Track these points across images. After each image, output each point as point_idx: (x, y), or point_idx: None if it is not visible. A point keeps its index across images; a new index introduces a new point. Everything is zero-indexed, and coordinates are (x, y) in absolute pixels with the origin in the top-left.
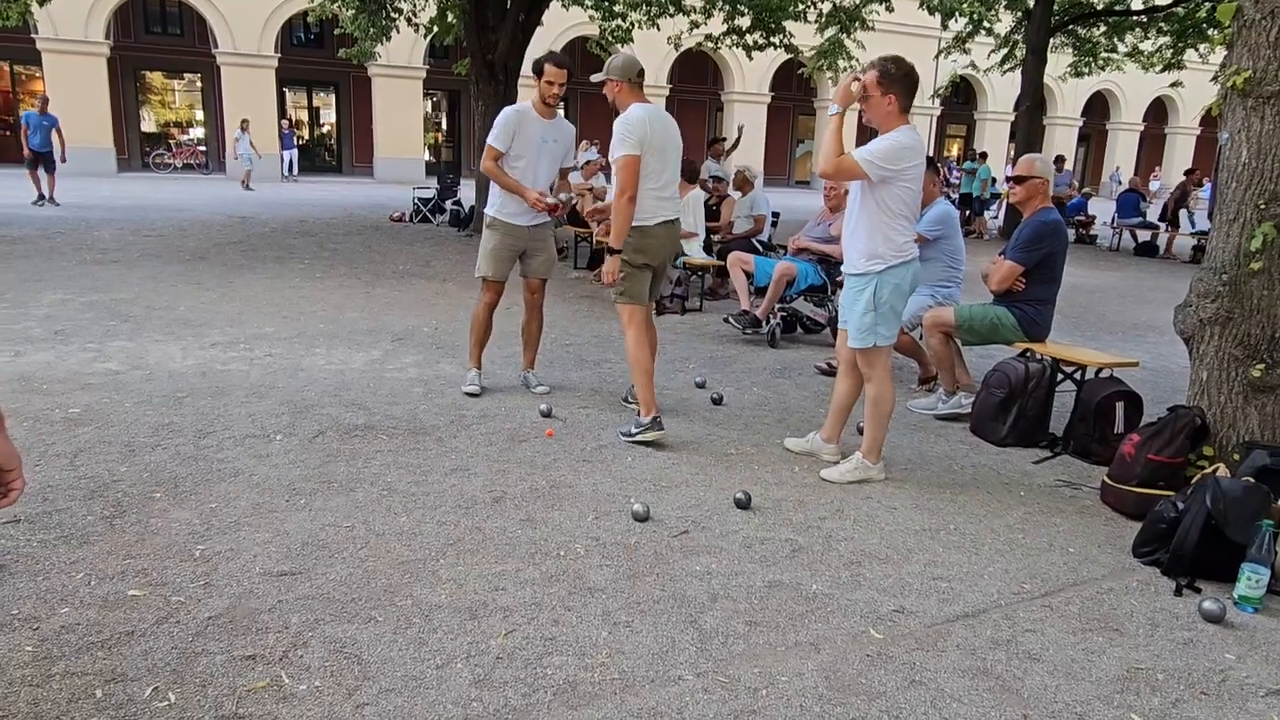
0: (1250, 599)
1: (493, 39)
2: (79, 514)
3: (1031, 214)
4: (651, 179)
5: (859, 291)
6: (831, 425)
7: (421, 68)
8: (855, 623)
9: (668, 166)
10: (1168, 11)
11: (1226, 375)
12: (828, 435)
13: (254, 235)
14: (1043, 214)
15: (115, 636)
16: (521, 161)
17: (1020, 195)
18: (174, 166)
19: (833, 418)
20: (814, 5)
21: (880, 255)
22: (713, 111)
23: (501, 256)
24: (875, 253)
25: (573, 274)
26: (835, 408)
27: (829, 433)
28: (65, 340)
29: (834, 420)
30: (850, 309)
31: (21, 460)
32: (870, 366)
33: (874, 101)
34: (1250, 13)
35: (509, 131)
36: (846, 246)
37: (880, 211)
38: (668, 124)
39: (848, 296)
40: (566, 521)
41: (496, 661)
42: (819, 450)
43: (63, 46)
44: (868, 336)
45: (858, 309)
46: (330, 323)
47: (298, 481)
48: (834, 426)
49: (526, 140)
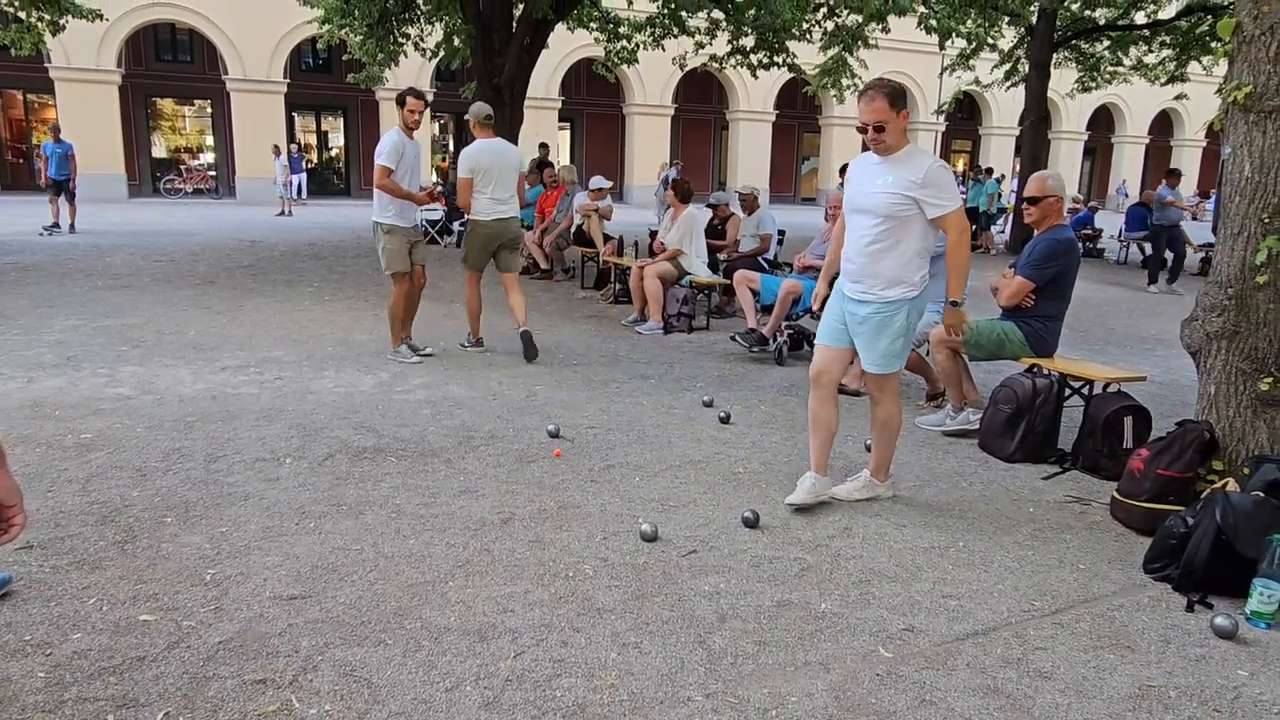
0: (1263, 614)
1: (499, 62)
2: (91, 539)
3: (1045, 230)
4: (487, 191)
5: (888, 318)
6: (825, 455)
7: (428, 91)
8: (865, 642)
9: (499, 182)
10: (1170, 25)
11: (1235, 389)
12: (821, 466)
13: (263, 259)
14: (1056, 231)
15: (127, 662)
16: (402, 174)
17: (1035, 215)
18: (184, 192)
19: (825, 448)
20: (818, 25)
21: (914, 283)
22: (718, 130)
23: (403, 253)
24: (909, 280)
25: (580, 294)
26: (827, 437)
27: (822, 463)
28: (77, 366)
29: (826, 450)
30: (874, 337)
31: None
32: (884, 390)
33: (895, 124)
34: (1250, 28)
35: (397, 152)
36: (861, 275)
37: (921, 239)
38: (499, 151)
39: (867, 326)
40: (575, 542)
41: (506, 684)
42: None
43: (75, 75)
44: (894, 362)
45: (887, 336)
46: (339, 345)
47: (307, 505)
48: (825, 455)
49: (404, 158)
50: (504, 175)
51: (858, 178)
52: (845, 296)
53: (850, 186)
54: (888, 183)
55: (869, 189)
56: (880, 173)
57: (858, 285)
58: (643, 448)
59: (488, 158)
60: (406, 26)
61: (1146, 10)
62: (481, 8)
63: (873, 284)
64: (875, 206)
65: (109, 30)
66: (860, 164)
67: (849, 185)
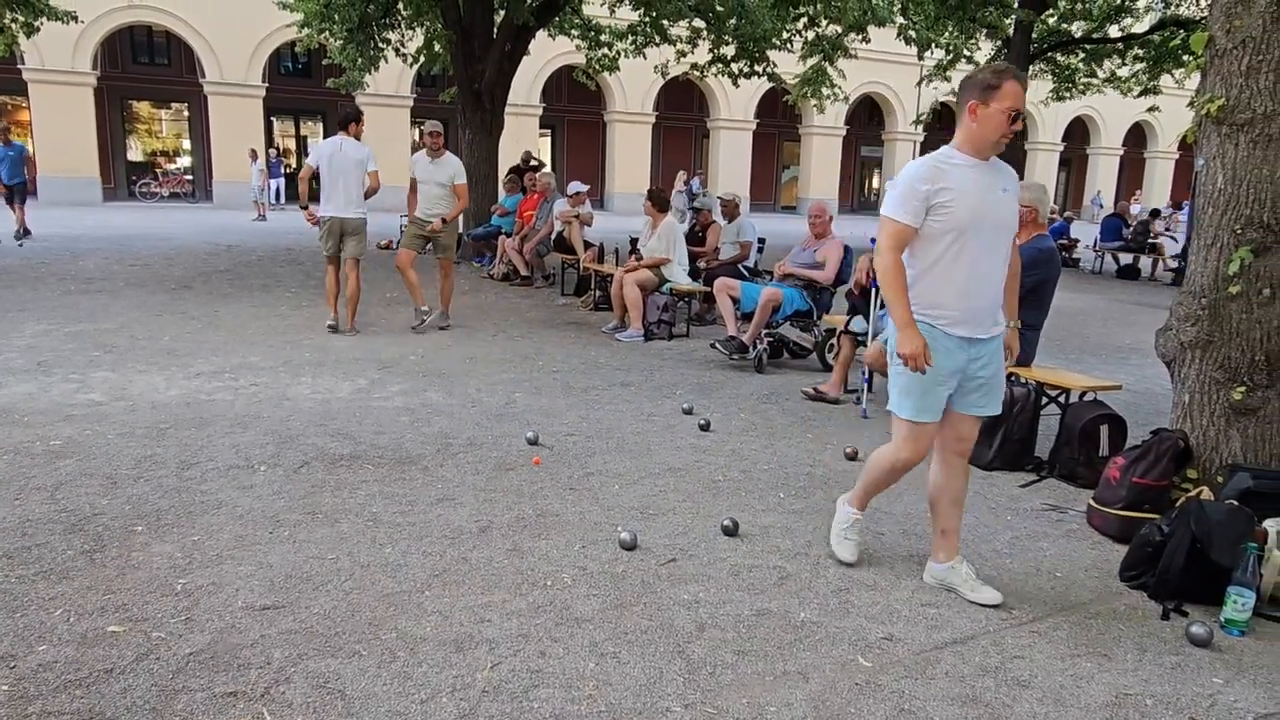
0: (1236, 622)
1: (479, 68)
2: (59, 548)
3: (1026, 240)
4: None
5: (999, 350)
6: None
7: (409, 96)
8: (844, 651)
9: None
10: (1143, 39)
11: (1208, 398)
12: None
13: (240, 264)
14: (1037, 241)
15: (94, 675)
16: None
17: None
18: (160, 195)
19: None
20: (798, 34)
21: None
22: (699, 138)
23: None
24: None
25: (560, 301)
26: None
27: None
28: (47, 371)
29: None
30: (999, 373)
31: None
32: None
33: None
34: (1222, 42)
35: (316, 156)
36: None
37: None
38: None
39: (995, 364)
40: (553, 551)
41: (482, 695)
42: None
43: (49, 77)
44: None
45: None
46: (317, 351)
47: (282, 513)
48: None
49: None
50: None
51: (966, 186)
52: (965, 344)
53: (966, 198)
54: (1007, 190)
55: (993, 198)
56: (991, 177)
57: (987, 321)
58: (622, 455)
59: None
60: (387, 31)
61: (1121, 24)
62: (462, 13)
63: (997, 314)
64: (1010, 218)
65: (84, 32)
66: (958, 170)
67: (962, 197)
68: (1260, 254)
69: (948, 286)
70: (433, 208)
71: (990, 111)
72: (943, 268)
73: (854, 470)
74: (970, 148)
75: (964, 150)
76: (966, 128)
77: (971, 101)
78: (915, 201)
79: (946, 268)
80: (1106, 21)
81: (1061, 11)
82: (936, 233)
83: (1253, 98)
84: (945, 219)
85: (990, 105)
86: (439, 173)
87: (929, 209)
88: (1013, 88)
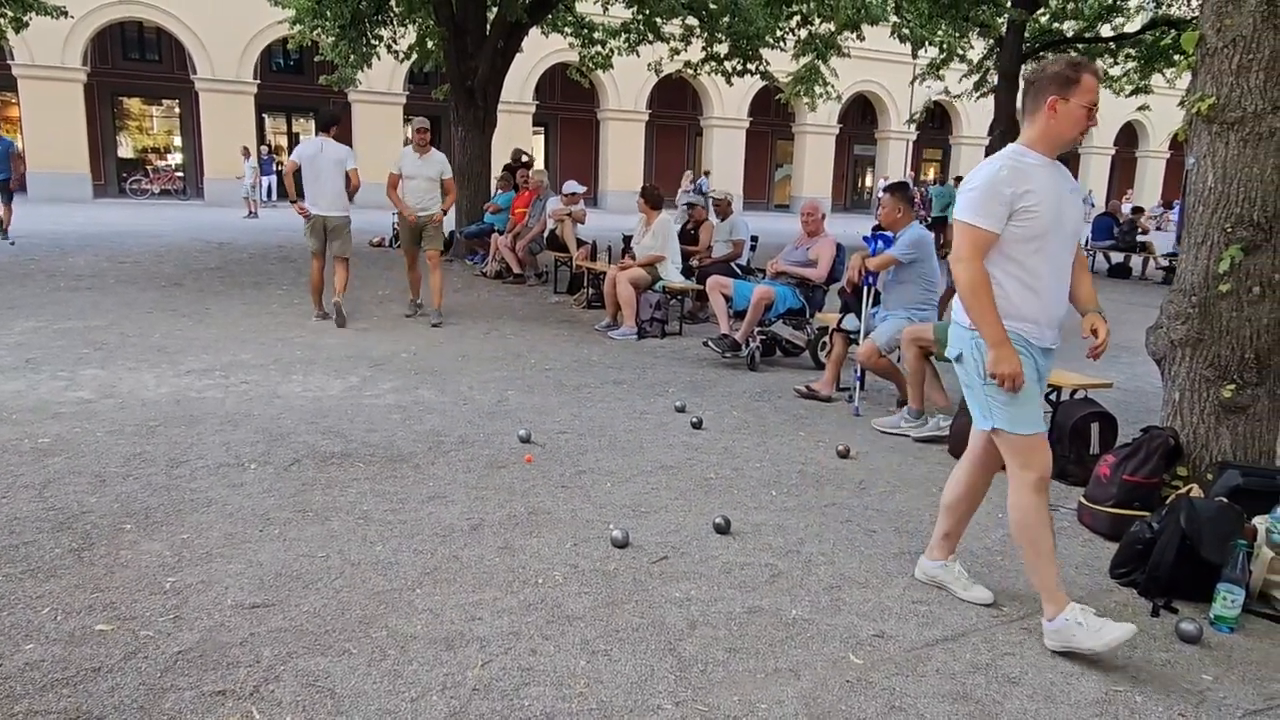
0: (1226, 618)
1: (472, 65)
2: (46, 546)
3: None
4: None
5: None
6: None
7: (401, 93)
8: (835, 648)
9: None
10: (1135, 39)
11: (1198, 396)
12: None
13: (231, 261)
14: None
15: (81, 673)
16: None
17: None
18: (151, 193)
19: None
20: (791, 32)
21: None
22: (692, 136)
23: (310, 235)
24: None
25: (553, 299)
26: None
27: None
28: (36, 369)
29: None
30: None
31: None
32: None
33: None
34: (1213, 41)
35: (299, 155)
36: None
37: None
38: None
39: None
40: (545, 549)
41: (473, 693)
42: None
43: (39, 72)
44: None
45: None
46: (308, 349)
47: (272, 511)
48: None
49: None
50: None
51: (1047, 188)
52: (1043, 354)
53: (1049, 200)
54: (1074, 190)
55: (1066, 200)
56: (1060, 177)
57: (1059, 329)
58: (614, 453)
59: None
60: (379, 28)
61: (1112, 23)
62: (455, 10)
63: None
64: (1080, 220)
65: (74, 28)
66: (1036, 171)
67: (1046, 199)
68: (1250, 252)
69: (1031, 296)
70: (422, 201)
71: (1070, 107)
72: (1026, 276)
73: (845, 468)
74: (1044, 146)
75: (1037, 149)
76: (1043, 124)
77: (1052, 97)
78: (998, 205)
79: (1030, 276)
80: (1098, 21)
81: (1053, 10)
82: (1019, 238)
83: (1243, 96)
84: (1029, 224)
85: (1070, 100)
86: (427, 168)
87: (1012, 213)
88: (1091, 80)
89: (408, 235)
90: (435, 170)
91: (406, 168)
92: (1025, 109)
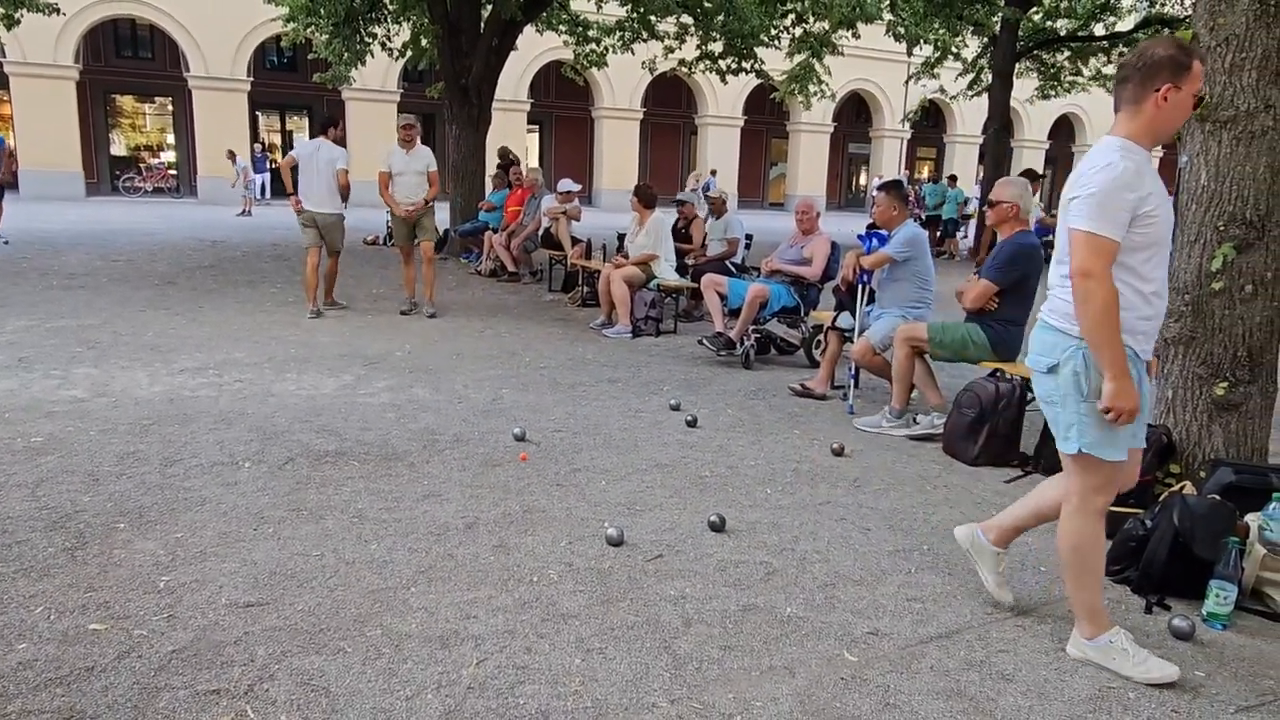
0: (1218, 615)
1: (466, 63)
2: (39, 546)
3: (1009, 235)
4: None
5: None
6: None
7: (395, 91)
8: (830, 645)
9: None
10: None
11: (1191, 394)
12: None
13: (224, 259)
14: (1020, 236)
15: (74, 673)
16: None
17: (992, 219)
18: (144, 190)
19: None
20: (786, 31)
21: None
22: (687, 135)
23: (305, 231)
24: None
25: (547, 297)
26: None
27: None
28: (29, 367)
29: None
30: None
31: None
32: None
33: None
34: (1206, 39)
35: (297, 153)
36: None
37: None
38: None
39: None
40: (540, 547)
41: (468, 692)
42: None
43: (31, 70)
44: None
45: None
46: (302, 347)
47: (266, 510)
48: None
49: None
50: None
51: (1160, 190)
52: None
53: (1164, 203)
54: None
55: (1169, 204)
56: (1155, 173)
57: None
58: (609, 451)
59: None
60: (373, 26)
61: (1106, 22)
62: (449, 8)
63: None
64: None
65: (66, 25)
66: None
67: (1163, 203)
68: (1243, 250)
69: (1147, 308)
70: (412, 195)
71: (1183, 96)
72: (1143, 285)
73: (840, 466)
74: (1149, 140)
75: (1142, 143)
76: (1150, 115)
77: (1166, 85)
78: (1122, 212)
79: (1148, 285)
80: (1091, 20)
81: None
82: (1137, 246)
83: (1236, 95)
84: (1149, 230)
85: (1183, 89)
86: (415, 162)
87: (1133, 219)
88: (1200, 66)
89: (402, 231)
90: (422, 164)
91: (395, 164)
92: (1124, 98)
